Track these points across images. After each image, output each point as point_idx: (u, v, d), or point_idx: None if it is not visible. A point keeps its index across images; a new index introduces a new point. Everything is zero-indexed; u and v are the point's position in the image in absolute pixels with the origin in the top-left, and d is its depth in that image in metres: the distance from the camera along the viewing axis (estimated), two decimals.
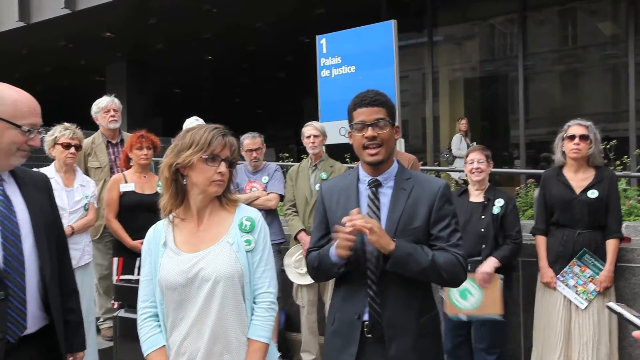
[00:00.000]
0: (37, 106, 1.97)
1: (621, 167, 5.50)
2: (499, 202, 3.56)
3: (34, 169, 2.26)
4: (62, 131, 3.91)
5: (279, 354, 4.49)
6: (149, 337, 1.94)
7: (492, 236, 3.50)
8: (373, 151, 2.00)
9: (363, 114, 2.01)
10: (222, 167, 1.90)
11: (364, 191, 2.07)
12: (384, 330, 1.96)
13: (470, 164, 3.67)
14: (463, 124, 9.00)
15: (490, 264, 3.42)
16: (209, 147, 1.88)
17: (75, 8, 10.65)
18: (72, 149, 3.88)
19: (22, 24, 11.37)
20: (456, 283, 2.06)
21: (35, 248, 1.93)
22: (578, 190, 3.42)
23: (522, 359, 3.97)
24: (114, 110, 4.77)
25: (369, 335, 1.98)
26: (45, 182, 2.13)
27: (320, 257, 2.07)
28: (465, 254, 2.05)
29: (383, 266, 1.94)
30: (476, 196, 3.65)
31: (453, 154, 8.88)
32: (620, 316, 1.29)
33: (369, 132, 1.98)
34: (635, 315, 1.26)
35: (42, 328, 1.95)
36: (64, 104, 16.44)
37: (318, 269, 2.10)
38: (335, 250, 1.95)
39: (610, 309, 1.33)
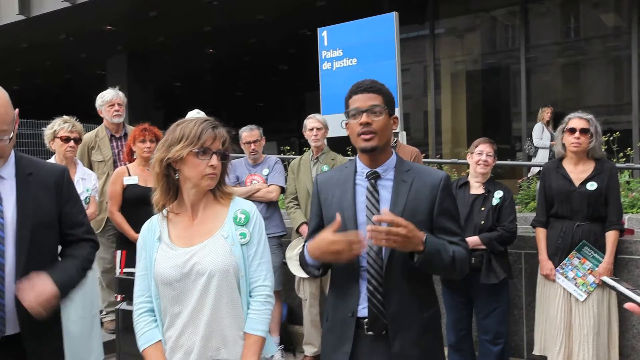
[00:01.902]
0: None
1: (624, 159, 5.49)
2: (498, 194, 3.56)
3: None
4: (61, 124, 3.87)
5: (277, 348, 4.50)
6: (144, 332, 1.94)
7: (489, 227, 3.51)
8: (367, 137, 1.93)
9: (358, 101, 1.96)
10: (214, 160, 1.88)
11: (362, 183, 2.02)
12: (388, 326, 1.92)
13: (478, 154, 3.62)
14: (548, 112, 8.12)
15: (471, 240, 3.40)
16: (199, 140, 1.86)
17: (76, 1, 10.62)
18: (72, 143, 3.84)
19: (22, 17, 11.34)
20: (461, 276, 2.05)
21: (16, 252, 1.86)
22: (577, 183, 3.43)
23: (524, 350, 3.98)
24: (119, 104, 4.75)
25: (370, 332, 1.94)
26: (55, 177, 2.04)
27: (301, 257, 2.06)
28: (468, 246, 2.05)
29: (387, 261, 1.91)
30: (476, 188, 3.64)
31: (534, 144, 8.16)
32: (614, 289, 1.32)
33: (364, 117, 1.92)
34: (628, 289, 1.29)
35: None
36: (65, 97, 16.47)
37: (302, 266, 2.08)
38: (308, 250, 1.93)
39: (605, 283, 1.37)
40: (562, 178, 3.48)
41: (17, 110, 1.91)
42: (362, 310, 1.95)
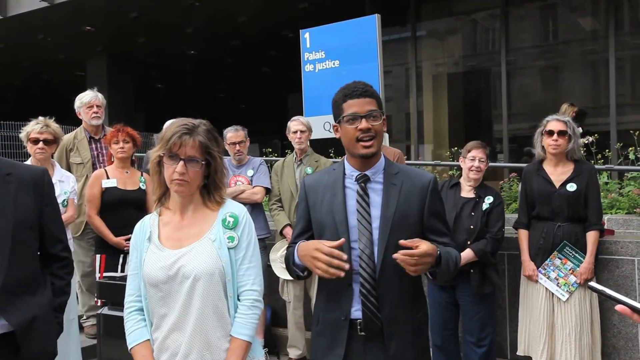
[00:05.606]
0: None
1: (602, 160, 5.57)
2: (488, 200, 3.57)
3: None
4: (33, 126, 3.75)
5: (264, 351, 4.45)
6: (133, 330, 1.94)
7: (478, 232, 3.52)
8: (367, 143, 1.92)
9: (355, 106, 1.93)
10: (179, 167, 1.83)
11: (351, 186, 2.01)
12: (383, 328, 1.92)
13: (471, 160, 3.60)
14: (571, 112, 6.97)
15: (465, 255, 3.39)
16: (167, 144, 1.85)
17: (54, 1, 10.45)
18: (40, 144, 3.71)
19: None
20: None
21: None
22: (557, 184, 3.48)
23: (508, 350, 4.01)
24: (97, 106, 4.68)
25: (362, 333, 1.93)
26: (34, 179, 2.05)
27: (287, 255, 2.07)
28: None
29: (380, 263, 1.91)
30: (467, 192, 3.63)
31: None
32: (601, 293, 1.33)
33: (363, 123, 1.91)
34: (615, 292, 1.32)
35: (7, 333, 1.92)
36: (44, 98, 16.20)
37: (287, 267, 2.09)
38: (298, 250, 1.97)
39: (591, 288, 1.38)
40: (542, 180, 3.52)
41: None
42: (356, 312, 1.95)
